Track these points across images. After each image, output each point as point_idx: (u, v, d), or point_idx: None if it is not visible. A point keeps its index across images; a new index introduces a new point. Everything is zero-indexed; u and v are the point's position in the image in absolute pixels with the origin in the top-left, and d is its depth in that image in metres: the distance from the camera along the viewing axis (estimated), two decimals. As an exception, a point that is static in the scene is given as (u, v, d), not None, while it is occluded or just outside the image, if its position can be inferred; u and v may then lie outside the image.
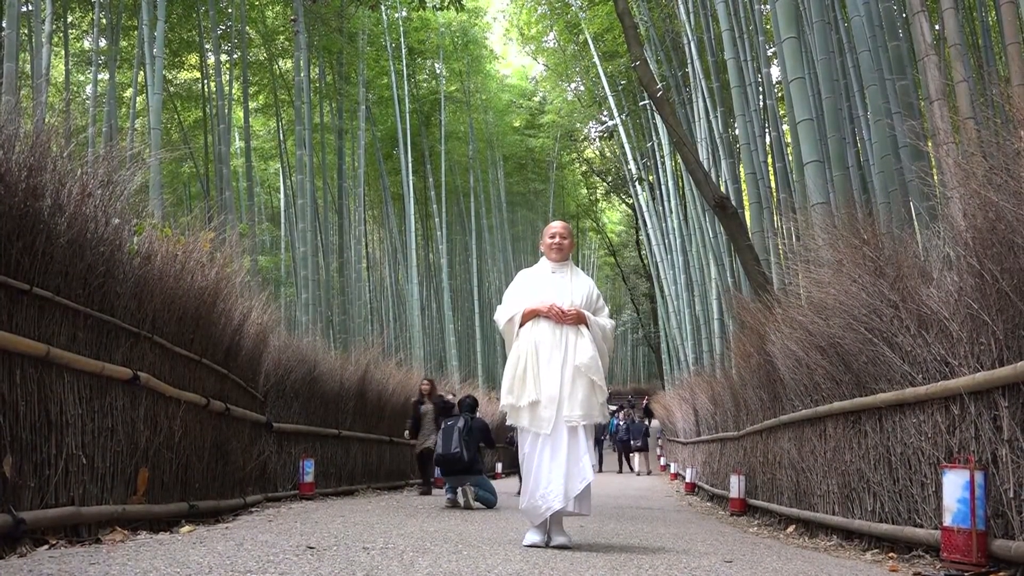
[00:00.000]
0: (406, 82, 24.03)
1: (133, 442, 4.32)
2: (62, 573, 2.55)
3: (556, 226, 4.58)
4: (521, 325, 4.28)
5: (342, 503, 7.68)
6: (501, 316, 4.39)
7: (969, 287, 3.66)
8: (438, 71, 27.73)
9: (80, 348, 3.90)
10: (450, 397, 10.19)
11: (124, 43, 19.79)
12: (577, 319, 4.22)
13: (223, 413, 5.88)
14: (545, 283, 4.38)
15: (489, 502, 7.52)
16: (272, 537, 3.93)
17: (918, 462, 4.02)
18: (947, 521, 3.43)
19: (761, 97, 13.43)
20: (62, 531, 3.52)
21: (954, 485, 3.41)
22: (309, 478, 8.19)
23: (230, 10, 19.58)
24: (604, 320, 4.38)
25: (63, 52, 19.18)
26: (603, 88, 24.04)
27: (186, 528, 4.49)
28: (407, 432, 10.29)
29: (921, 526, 3.95)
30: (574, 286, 4.37)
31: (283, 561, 3.03)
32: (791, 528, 5.93)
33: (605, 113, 28.03)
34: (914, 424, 4.06)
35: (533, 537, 4.08)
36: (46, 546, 3.26)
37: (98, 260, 4.09)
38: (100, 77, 18.76)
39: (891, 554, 4.15)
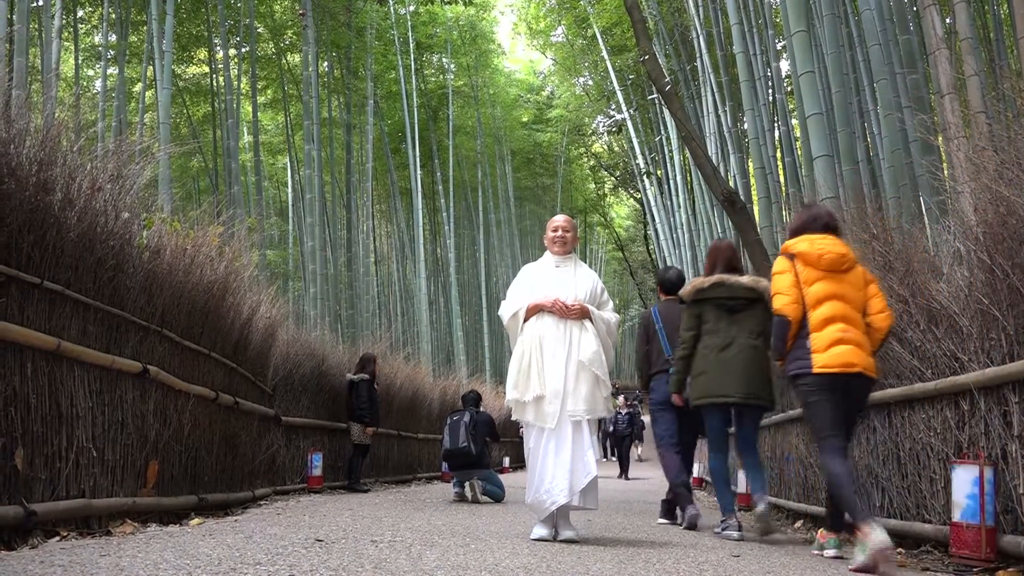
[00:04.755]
0: (414, 77, 24.00)
1: (143, 435, 4.34)
2: (73, 564, 2.57)
3: (558, 219, 4.58)
4: (525, 320, 4.28)
5: (350, 496, 7.71)
6: (505, 311, 4.39)
7: (979, 282, 3.64)
8: (446, 66, 27.69)
9: (90, 342, 3.92)
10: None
11: (133, 38, 19.84)
12: (581, 313, 4.21)
13: (232, 406, 5.90)
14: (549, 277, 4.37)
15: (497, 496, 7.54)
16: (281, 530, 3.95)
17: (927, 457, 4.00)
18: (956, 517, 3.42)
19: (770, 91, 13.36)
20: (73, 523, 3.55)
21: (963, 481, 3.39)
22: (317, 471, 8.22)
23: (239, 4, 19.59)
24: (608, 314, 4.36)
25: (73, 47, 19.26)
26: (611, 82, 23.95)
27: (195, 521, 4.52)
28: (366, 417, 8.90)
29: (930, 522, 3.94)
30: (578, 280, 4.35)
31: (292, 554, 3.04)
32: (799, 523, 5.92)
33: (613, 107, 27.95)
34: (923, 419, 4.05)
35: (540, 531, 4.08)
36: (57, 538, 3.28)
37: (108, 254, 4.11)
38: (110, 72, 18.83)
39: (900, 549, 4.14)
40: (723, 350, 4.61)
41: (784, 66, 14.95)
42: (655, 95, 18.72)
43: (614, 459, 25.97)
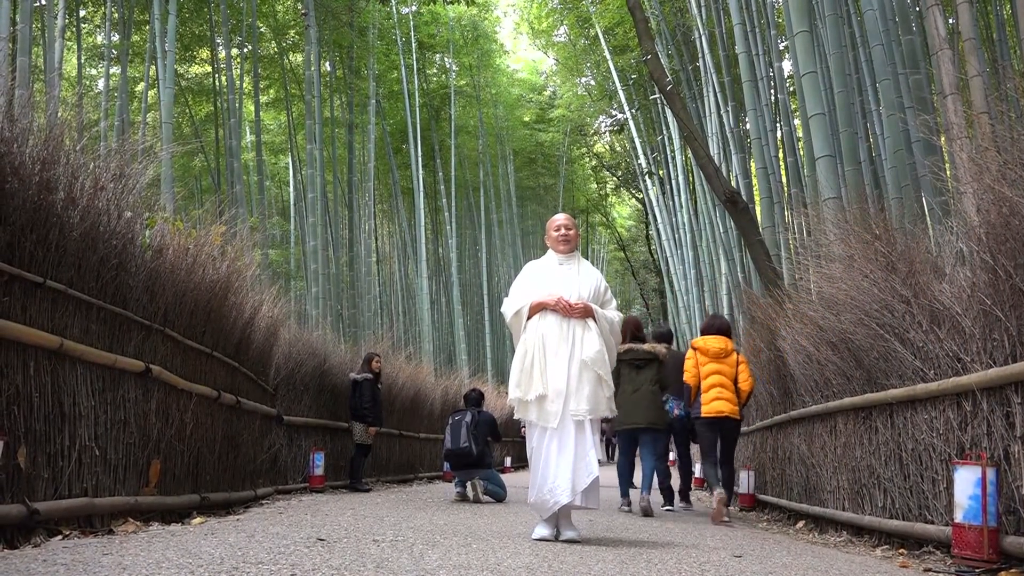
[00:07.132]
0: (416, 76, 24.00)
1: (145, 434, 4.35)
2: (76, 563, 2.57)
3: (560, 218, 4.56)
4: (528, 318, 4.27)
5: (352, 496, 7.72)
6: (508, 309, 4.36)
7: (982, 283, 3.64)
8: (448, 65, 27.69)
9: (93, 340, 3.92)
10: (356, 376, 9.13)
11: (136, 37, 19.86)
12: (584, 312, 4.20)
13: (234, 406, 5.91)
14: (552, 275, 4.35)
15: (498, 496, 7.54)
16: (283, 529, 3.95)
17: (929, 458, 4.00)
18: (958, 518, 3.42)
19: (773, 92, 13.35)
20: (75, 522, 3.56)
21: (965, 481, 3.39)
22: (319, 471, 8.23)
23: (241, 4, 19.60)
24: (612, 313, 4.35)
25: (75, 47, 19.25)
26: (614, 82, 23.94)
27: (197, 520, 4.52)
28: (370, 417, 8.85)
29: (932, 522, 3.94)
30: (581, 279, 4.34)
31: (294, 553, 3.04)
32: (801, 524, 5.91)
33: (615, 107, 27.93)
34: (925, 420, 4.05)
35: (542, 531, 4.08)
36: (60, 536, 3.29)
37: (111, 253, 4.11)
38: (112, 71, 18.83)
39: (901, 550, 4.14)
40: (633, 393, 6.54)
41: (786, 66, 14.94)
42: (657, 95, 18.71)
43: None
